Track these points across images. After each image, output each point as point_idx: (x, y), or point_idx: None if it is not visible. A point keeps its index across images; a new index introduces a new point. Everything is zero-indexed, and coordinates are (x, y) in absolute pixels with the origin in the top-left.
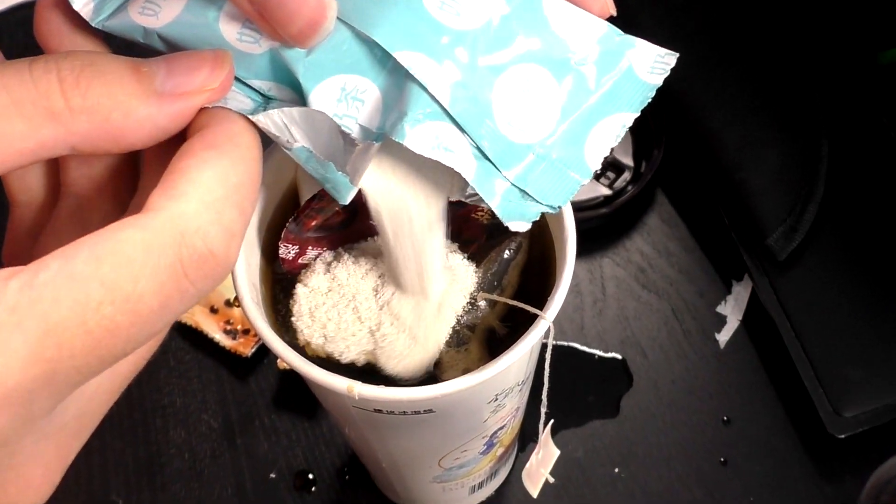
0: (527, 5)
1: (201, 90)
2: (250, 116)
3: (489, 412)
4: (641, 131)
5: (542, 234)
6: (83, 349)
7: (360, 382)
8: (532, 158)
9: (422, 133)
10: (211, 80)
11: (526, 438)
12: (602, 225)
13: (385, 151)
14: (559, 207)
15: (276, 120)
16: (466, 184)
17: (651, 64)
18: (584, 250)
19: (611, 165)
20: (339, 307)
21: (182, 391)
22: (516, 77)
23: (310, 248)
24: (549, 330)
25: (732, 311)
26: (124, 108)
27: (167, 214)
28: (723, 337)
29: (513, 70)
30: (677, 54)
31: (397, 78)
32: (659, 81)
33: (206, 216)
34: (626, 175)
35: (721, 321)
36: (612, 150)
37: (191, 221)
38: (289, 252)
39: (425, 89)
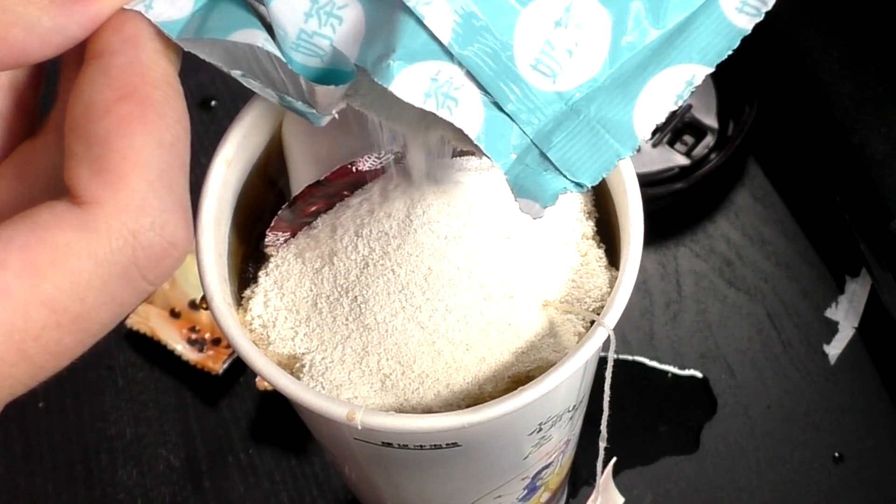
0: None
1: None
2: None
3: (531, 446)
4: (728, 82)
5: (604, 200)
6: (21, 375)
7: (363, 407)
8: (562, 110)
9: (413, 75)
10: None
11: (578, 481)
12: (677, 204)
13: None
14: (586, 187)
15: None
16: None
17: None
18: (654, 236)
19: (688, 127)
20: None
21: (134, 419)
22: (549, 6)
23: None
24: (608, 340)
25: (846, 315)
26: (25, 21)
27: (111, 210)
28: (833, 349)
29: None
30: None
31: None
32: (748, 26)
33: (155, 202)
34: (709, 139)
35: (831, 329)
36: (691, 107)
37: (142, 215)
38: (277, 239)
39: (420, 21)
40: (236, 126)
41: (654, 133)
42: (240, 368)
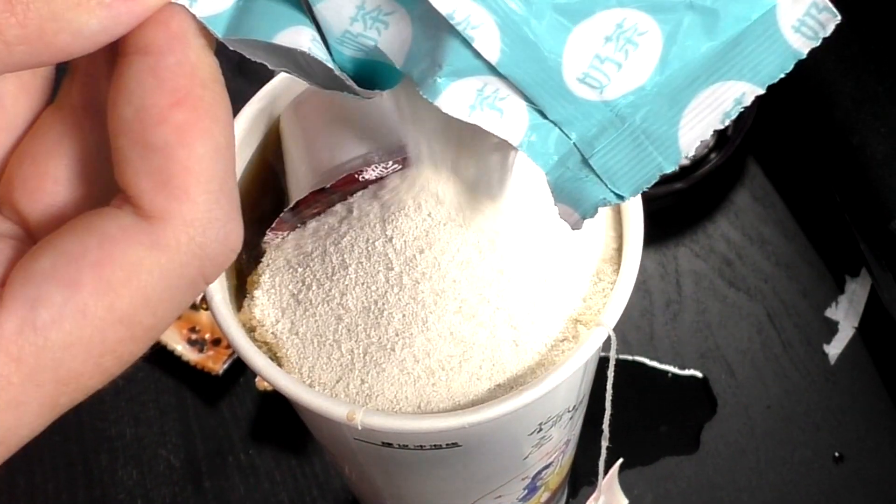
0: None
1: None
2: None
3: (531, 446)
4: None
5: None
6: (95, 384)
7: (363, 408)
8: (607, 117)
9: (459, 90)
10: None
11: (579, 481)
12: (677, 204)
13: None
14: (624, 198)
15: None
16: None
17: (799, 16)
18: (653, 236)
19: None
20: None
21: (134, 419)
22: (601, 23)
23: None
24: (608, 340)
25: (846, 315)
26: (73, 27)
27: (179, 226)
28: (833, 349)
29: (601, 17)
30: (839, 17)
31: (434, 16)
32: (804, 49)
33: (219, 213)
34: (709, 139)
35: (831, 329)
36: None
37: (208, 229)
38: (276, 238)
39: (468, 43)
40: (236, 126)
41: None
42: (240, 369)
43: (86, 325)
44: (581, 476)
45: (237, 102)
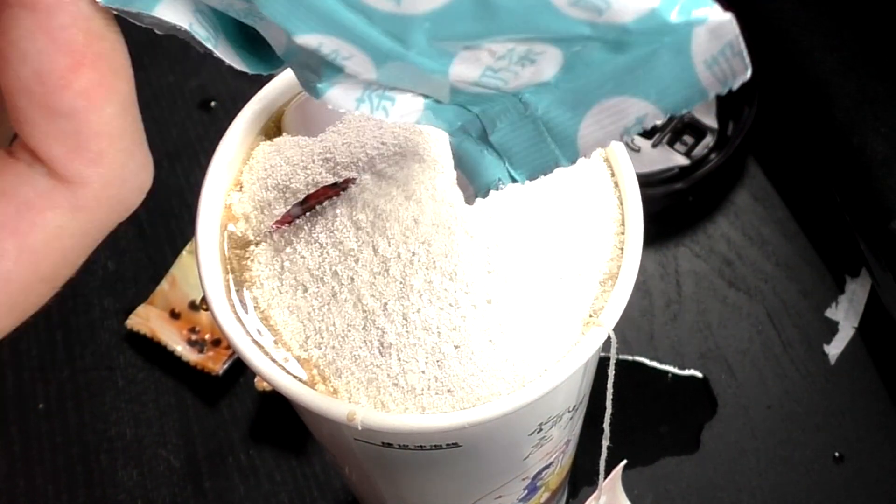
0: None
1: None
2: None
3: (531, 446)
4: None
5: None
6: (8, 327)
7: (364, 407)
8: (511, 101)
9: (344, 89)
10: None
11: (579, 481)
12: (677, 204)
13: None
14: (518, 181)
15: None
16: None
17: (713, 53)
18: (653, 236)
19: (688, 127)
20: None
21: (134, 419)
22: (494, 50)
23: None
24: (608, 340)
25: (846, 315)
26: None
27: (98, 188)
28: (834, 349)
29: (490, 45)
30: (749, 71)
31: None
32: (711, 91)
33: (133, 165)
34: (709, 139)
35: (831, 329)
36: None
37: (125, 184)
38: (281, 230)
39: (342, 69)
40: (236, 126)
41: (653, 133)
42: (240, 369)
43: (10, 290)
44: (581, 476)
45: (237, 102)
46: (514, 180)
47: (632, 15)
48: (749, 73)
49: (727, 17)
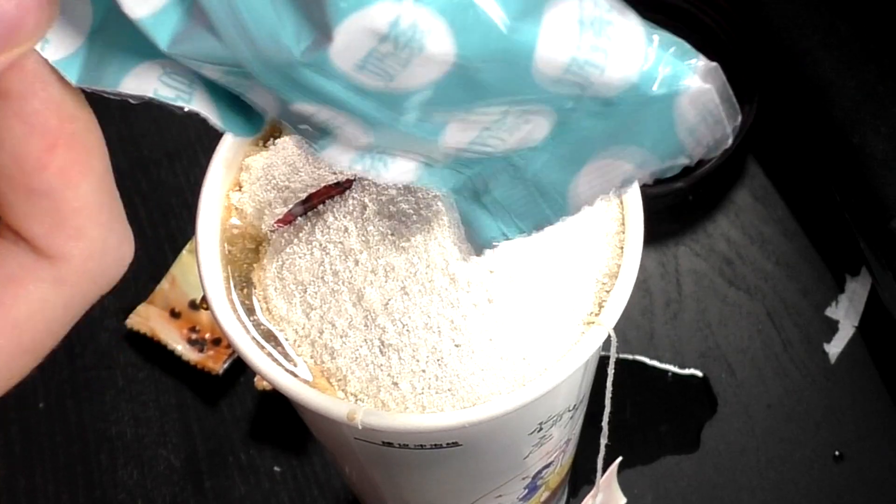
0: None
1: (24, 39)
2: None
3: (531, 446)
4: (728, 82)
5: None
6: None
7: (364, 406)
8: (501, 164)
9: (340, 150)
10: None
11: (579, 480)
12: (677, 203)
13: None
14: (526, 234)
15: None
16: None
17: (695, 121)
18: (653, 236)
19: None
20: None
21: (134, 419)
22: (485, 117)
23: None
24: (609, 339)
25: (846, 314)
26: None
27: (79, 263)
28: (834, 348)
29: (480, 111)
30: (730, 137)
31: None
32: (695, 153)
33: (113, 239)
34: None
35: (832, 328)
36: None
37: (104, 257)
38: (283, 229)
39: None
40: None
41: None
42: (240, 368)
43: None
44: (581, 475)
45: None
46: (521, 231)
47: (615, 90)
48: (730, 142)
49: (707, 86)
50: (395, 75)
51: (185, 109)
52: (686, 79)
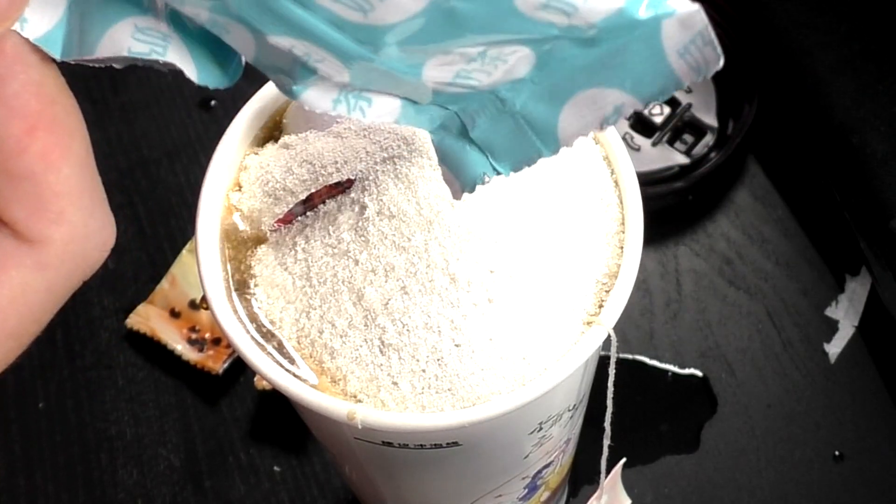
0: None
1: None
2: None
3: (531, 445)
4: (728, 81)
5: None
6: None
7: (363, 406)
8: (489, 98)
9: (320, 91)
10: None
11: (579, 480)
12: (677, 203)
13: None
14: (502, 174)
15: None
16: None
17: (685, 42)
18: (653, 235)
19: (688, 126)
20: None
21: (134, 419)
22: (466, 52)
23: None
24: (609, 339)
25: (846, 314)
26: None
27: (59, 246)
28: (834, 348)
29: (461, 49)
30: (721, 60)
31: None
32: (685, 79)
33: (94, 223)
34: (709, 138)
35: (832, 328)
36: (690, 106)
37: (86, 241)
38: (283, 228)
39: (315, 70)
40: (236, 125)
41: (654, 131)
42: (240, 368)
43: None
44: (581, 475)
45: (237, 101)
46: (497, 173)
47: (600, 15)
48: (721, 63)
49: (695, 7)
50: (373, 7)
51: (161, 62)
52: (673, 1)
